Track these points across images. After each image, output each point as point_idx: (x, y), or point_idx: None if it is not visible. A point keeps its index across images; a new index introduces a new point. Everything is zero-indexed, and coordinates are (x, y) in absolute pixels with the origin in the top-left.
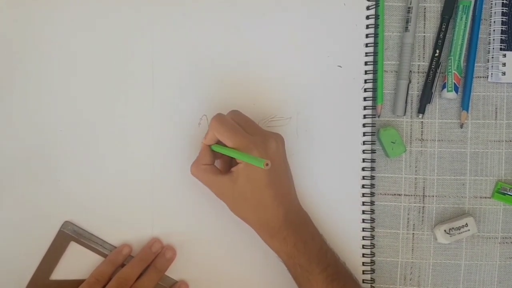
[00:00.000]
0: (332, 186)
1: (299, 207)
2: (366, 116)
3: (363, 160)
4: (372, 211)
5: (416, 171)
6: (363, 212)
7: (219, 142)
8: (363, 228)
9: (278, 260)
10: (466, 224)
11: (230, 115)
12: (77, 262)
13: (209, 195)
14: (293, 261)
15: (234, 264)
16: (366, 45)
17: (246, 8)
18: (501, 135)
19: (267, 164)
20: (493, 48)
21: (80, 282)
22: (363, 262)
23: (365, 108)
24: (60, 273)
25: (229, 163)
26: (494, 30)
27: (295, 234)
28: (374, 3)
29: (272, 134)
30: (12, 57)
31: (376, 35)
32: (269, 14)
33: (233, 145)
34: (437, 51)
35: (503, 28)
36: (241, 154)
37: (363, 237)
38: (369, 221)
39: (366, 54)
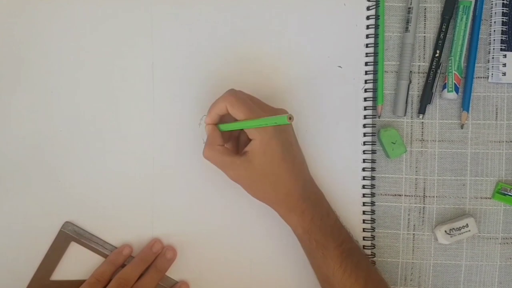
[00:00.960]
0: (332, 187)
1: (314, 182)
2: (367, 117)
3: (364, 161)
4: (373, 212)
5: (416, 171)
6: (364, 212)
7: (222, 121)
8: (363, 229)
9: (279, 260)
10: (467, 224)
11: (240, 92)
12: (78, 262)
13: (209, 195)
14: (309, 235)
15: (234, 264)
16: (367, 46)
17: (247, 9)
18: (502, 136)
19: (290, 118)
20: (494, 49)
21: (80, 282)
22: None
23: (365, 108)
24: (60, 273)
25: (236, 145)
26: (494, 31)
27: (313, 208)
28: (374, 3)
29: (280, 109)
30: (13, 57)
31: (376, 36)
32: (269, 15)
33: (246, 117)
34: (438, 51)
35: (504, 29)
36: (258, 120)
37: (363, 237)
38: (370, 222)
39: (367, 55)
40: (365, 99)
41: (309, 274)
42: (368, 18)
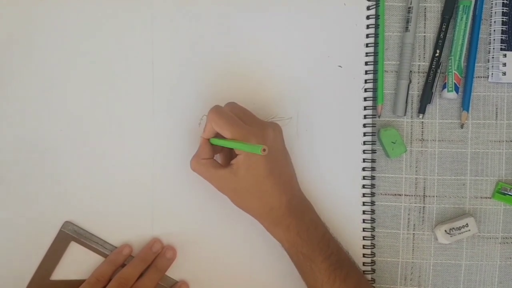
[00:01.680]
0: (332, 186)
1: (302, 195)
2: (367, 116)
3: (364, 160)
4: (373, 211)
5: (416, 171)
6: (364, 212)
7: (217, 136)
8: (363, 228)
9: (279, 259)
10: (467, 224)
11: (228, 107)
12: (78, 262)
13: (209, 195)
14: (295, 249)
15: (235, 264)
16: (367, 45)
17: (247, 8)
18: (502, 135)
19: (264, 150)
20: (494, 48)
21: (80, 282)
22: (363, 262)
23: (365, 108)
24: (60, 273)
25: (229, 157)
26: (494, 30)
27: (298, 222)
28: (374, 3)
29: (270, 123)
30: (12, 57)
31: (376, 35)
32: (269, 14)
33: (231, 135)
34: (438, 51)
35: (504, 28)
36: (238, 143)
37: (363, 237)
38: (370, 221)
39: (367, 54)
40: (365, 99)
41: None
42: (368, 17)
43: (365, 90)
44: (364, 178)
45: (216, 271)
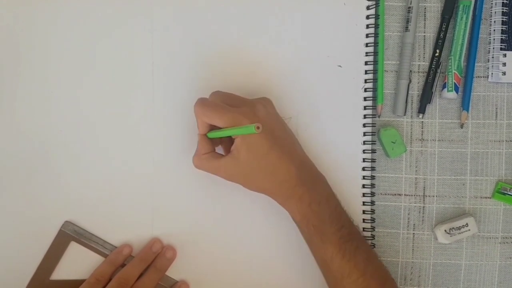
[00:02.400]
0: (332, 186)
1: (310, 162)
2: (367, 116)
3: (364, 160)
4: (373, 211)
5: (416, 171)
6: (364, 212)
7: (212, 128)
8: (363, 228)
9: (278, 259)
10: (467, 224)
11: (212, 96)
12: (78, 262)
13: (208, 195)
14: (307, 221)
15: (235, 264)
16: (366, 45)
17: (247, 9)
18: (502, 135)
19: (258, 127)
20: (493, 48)
21: (80, 282)
22: None
23: (365, 108)
24: (60, 273)
25: (231, 145)
26: (494, 30)
27: (310, 193)
28: (374, 3)
29: (258, 99)
30: (13, 57)
31: (376, 35)
32: (269, 14)
33: (223, 123)
34: (437, 51)
35: (503, 28)
36: (232, 129)
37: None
38: (370, 221)
39: (366, 54)
40: (365, 99)
41: (310, 274)
42: (368, 17)
43: (365, 90)
44: (364, 178)
45: (216, 271)
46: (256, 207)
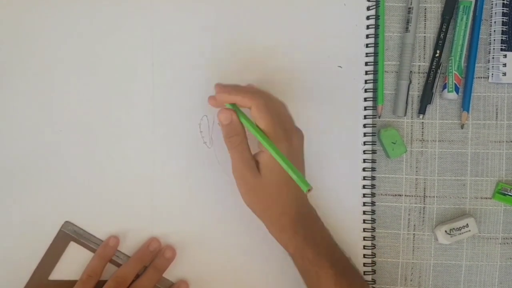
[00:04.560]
0: (332, 187)
1: (309, 205)
2: (367, 117)
3: (364, 161)
4: (373, 212)
5: (416, 171)
6: (364, 212)
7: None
8: (364, 229)
9: (278, 259)
10: (467, 224)
11: (278, 101)
12: (76, 262)
13: (208, 195)
14: (301, 254)
15: (234, 264)
16: (367, 46)
17: (247, 9)
18: (502, 136)
19: (309, 190)
20: (494, 49)
21: None
22: (364, 263)
23: (365, 108)
24: (59, 273)
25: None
26: (494, 31)
27: (305, 229)
28: (374, 3)
29: (297, 129)
30: (12, 57)
31: (376, 36)
32: (269, 15)
33: (266, 129)
34: (438, 51)
35: (504, 29)
36: (283, 158)
37: (364, 237)
38: (370, 222)
39: (367, 55)
40: (365, 99)
41: None
42: (368, 18)
43: (365, 91)
44: (364, 178)
45: (216, 271)
46: None
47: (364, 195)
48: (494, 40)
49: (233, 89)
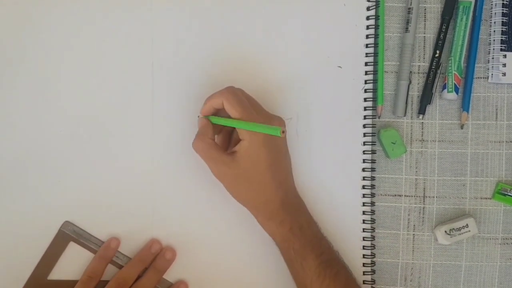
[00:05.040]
0: (332, 187)
1: (296, 193)
2: (367, 117)
3: (364, 161)
4: (373, 212)
5: (416, 172)
6: (364, 212)
7: (216, 115)
8: (363, 229)
9: (278, 260)
10: (467, 225)
11: (240, 91)
12: (76, 262)
13: (209, 196)
14: (287, 244)
15: (234, 264)
16: (366, 46)
17: (247, 9)
18: (502, 136)
19: (283, 132)
20: (494, 49)
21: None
22: (363, 263)
23: (365, 108)
24: (58, 273)
25: (228, 141)
26: (494, 31)
27: (292, 218)
28: (374, 3)
29: (275, 116)
30: (13, 57)
31: (376, 36)
32: (269, 15)
33: (240, 116)
34: (438, 51)
35: (503, 29)
36: (252, 124)
37: (363, 237)
38: (370, 222)
39: (366, 55)
40: (365, 99)
41: None
42: (368, 18)
43: (365, 91)
44: (364, 178)
45: (216, 272)
46: None
47: (363, 195)
48: (494, 40)
49: (206, 99)
